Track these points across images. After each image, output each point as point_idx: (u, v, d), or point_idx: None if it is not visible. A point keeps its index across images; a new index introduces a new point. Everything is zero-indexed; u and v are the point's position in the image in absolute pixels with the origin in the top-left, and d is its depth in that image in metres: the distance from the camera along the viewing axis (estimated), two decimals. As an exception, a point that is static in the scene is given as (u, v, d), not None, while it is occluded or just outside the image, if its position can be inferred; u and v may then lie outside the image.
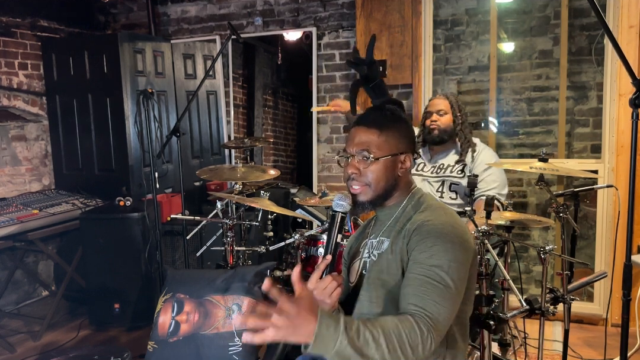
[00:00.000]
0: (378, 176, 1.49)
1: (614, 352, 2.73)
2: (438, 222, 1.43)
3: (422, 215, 1.47)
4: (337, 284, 1.45)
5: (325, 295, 1.44)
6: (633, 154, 1.63)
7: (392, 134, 1.51)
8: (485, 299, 2.00)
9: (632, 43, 3.06)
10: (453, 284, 1.34)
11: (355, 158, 1.50)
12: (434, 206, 1.52)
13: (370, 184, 1.50)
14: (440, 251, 1.36)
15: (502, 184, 2.79)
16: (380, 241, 1.53)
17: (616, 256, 3.14)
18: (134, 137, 3.85)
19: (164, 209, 3.69)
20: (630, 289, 1.68)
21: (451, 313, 1.34)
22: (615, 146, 3.18)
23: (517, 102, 3.70)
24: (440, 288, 1.32)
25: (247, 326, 1.16)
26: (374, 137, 1.49)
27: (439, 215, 1.46)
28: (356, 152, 1.50)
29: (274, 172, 2.96)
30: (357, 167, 1.50)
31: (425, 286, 1.33)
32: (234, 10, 4.24)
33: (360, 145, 1.49)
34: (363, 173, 1.49)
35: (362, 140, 1.50)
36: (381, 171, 1.49)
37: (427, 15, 3.59)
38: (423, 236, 1.40)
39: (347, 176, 1.53)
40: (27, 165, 4.02)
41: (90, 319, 3.56)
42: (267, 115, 5.92)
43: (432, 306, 1.30)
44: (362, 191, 1.51)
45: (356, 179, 1.50)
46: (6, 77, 3.80)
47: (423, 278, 1.34)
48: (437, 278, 1.33)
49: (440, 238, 1.38)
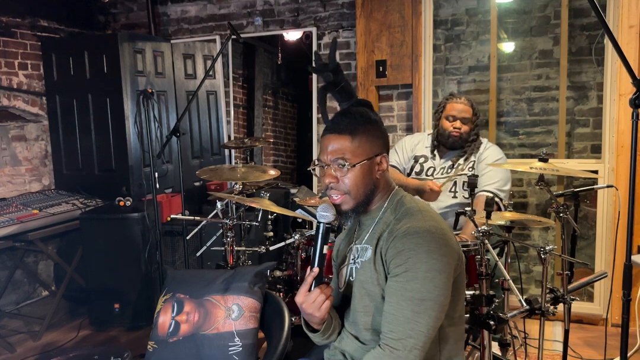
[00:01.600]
0: (356, 183, 1.46)
1: (614, 352, 2.73)
2: (414, 230, 1.40)
3: (400, 223, 1.44)
4: (325, 296, 1.43)
5: (315, 308, 1.43)
6: (633, 154, 1.62)
7: (365, 137, 1.47)
8: (485, 299, 2.00)
9: (632, 43, 3.06)
10: (430, 294, 1.34)
11: (331, 167, 1.47)
12: (412, 210, 1.48)
13: (349, 192, 1.47)
14: (415, 263, 1.35)
15: (504, 180, 2.77)
16: (364, 248, 1.52)
17: (616, 256, 3.14)
18: (134, 137, 3.85)
19: (164, 209, 3.69)
20: (630, 289, 1.68)
21: (431, 325, 1.35)
22: (615, 146, 3.18)
23: (517, 102, 3.70)
24: (415, 302, 1.34)
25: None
26: (347, 143, 1.45)
27: (416, 221, 1.43)
28: (331, 161, 1.46)
29: (274, 172, 2.95)
30: (334, 175, 1.46)
31: (399, 303, 1.35)
32: (234, 10, 4.25)
33: (334, 154, 1.46)
34: (341, 181, 1.46)
35: (336, 147, 1.46)
36: (359, 177, 1.46)
37: (427, 15, 3.59)
38: (398, 248, 1.39)
39: (325, 186, 1.50)
40: (27, 165, 4.02)
41: (90, 319, 3.56)
42: (267, 115, 5.92)
43: (404, 325, 1.34)
44: (343, 200, 1.48)
45: (334, 187, 1.47)
46: (6, 77, 3.80)
47: (398, 294, 1.36)
48: (411, 292, 1.34)
49: (415, 249, 1.37)
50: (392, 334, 1.35)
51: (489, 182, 2.75)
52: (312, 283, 1.44)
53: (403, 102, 3.83)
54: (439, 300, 1.35)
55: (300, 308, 1.47)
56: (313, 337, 1.57)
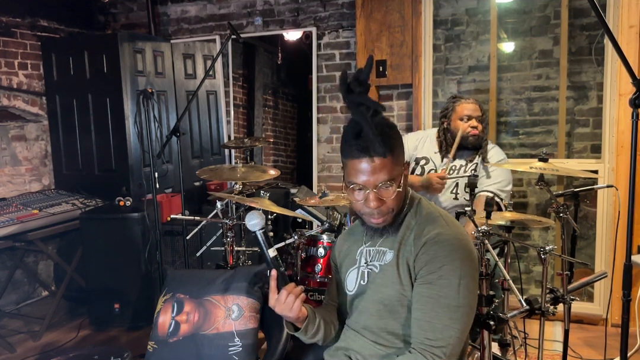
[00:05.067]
0: (399, 198, 1.43)
1: (614, 352, 2.73)
2: (445, 237, 1.39)
3: (426, 229, 1.43)
4: (295, 296, 1.43)
5: (286, 309, 1.43)
6: (633, 154, 1.63)
7: (397, 150, 1.40)
8: (485, 299, 1.99)
9: (632, 43, 3.06)
10: (464, 300, 1.36)
11: (377, 192, 1.38)
12: (434, 215, 1.48)
13: (393, 209, 1.43)
14: (449, 271, 1.36)
15: (506, 181, 2.79)
16: (381, 252, 1.50)
17: (616, 256, 3.14)
18: (134, 137, 3.85)
19: (164, 209, 3.69)
20: (630, 289, 1.68)
21: (464, 331, 1.37)
22: (615, 146, 3.18)
23: (517, 102, 3.69)
24: (452, 309, 1.35)
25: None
26: (388, 164, 1.37)
27: (442, 227, 1.43)
28: (378, 187, 1.38)
29: (274, 172, 2.95)
30: (382, 199, 1.40)
31: (435, 310, 1.35)
32: (234, 10, 4.24)
33: (380, 178, 1.37)
34: (387, 202, 1.40)
35: (380, 171, 1.36)
36: (401, 193, 1.43)
37: (427, 15, 3.59)
38: (431, 255, 1.38)
39: (368, 211, 1.42)
40: (27, 165, 4.02)
41: (90, 319, 3.56)
42: (267, 115, 5.92)
43: (443, 332, 1.34)
44: (385, 220, 1.44)
45: (380, 210, 1.41)
46: (6, 77, 3.80)
47: (433, 301, 1.36)
48: (447, 300, 1.35)
49: (448, 257, 1.37)
50: (431, 341, 1.35)
51: (491, 182, 2.75)
52: (275, 286, 1.44)
53: (403, 102, 3.83)
54: (472, 306, 1.38)
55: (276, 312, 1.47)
56: (298, 336, 1.56)
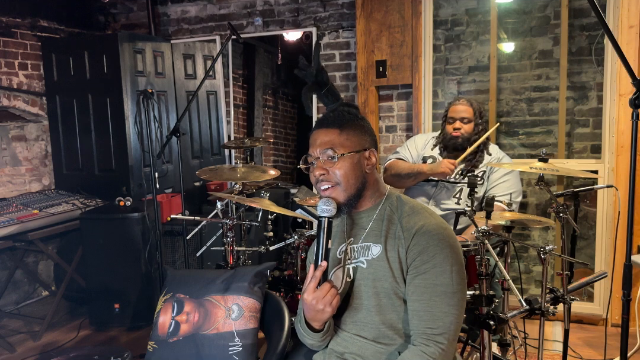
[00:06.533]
0: (346, 173, 1.48)
1: (614, 352, 2.74)
2: (432, 228, 1.45)
3: (412, 220, 1.47)
4: (336, 291, 1.45)
5: (326, 303, 1.43)
6: (633, 154, 1.63)
7: (353, 131, 1.51)
8: (485, 299, 2.00)
9: (632, 43, 3.06)
10: (458, 286, 1.42)
11: (320, 160, 1.50)
12: (417, 207, 1.53)
13: (339, 182, 1.49)
14: (442, 259, 1.41)
15: (518, 192, 2.78)
16: (366, 247, 1.52)
17: (616, 256, 3.14)
18: (134, 137, 3.85)
19: (164, 209, 3.69)
20: (630, 289, 1.68)
21: (461, 316, 1.43)
22: (615, 146, 3.19)
23: (517, 102, 3.70)
24: (448, 295, 1.40)
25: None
26: (335, 136, 1.49)
27: (427, 218, 1.48)
28: (320, 153, 1.49)
29: (274, 172, 2.95)
30: (324, 167, 1.49)
31: (433, 299, 1.40)
32: (234, 10, 4.25)
33: (323, 146, 1.49)
34: (331, 172, 1.48)
35: (325, 140, 1.50)
36: (348, 168, 1.48)
37: (427, 15, 3.59)
38: (422, 245, 1.43)
39: (315, 179, 1.52)
40: (27, 165, 4.02)
41: (90, 319, 3.56)
42: (267, 115, 5.92)
43: (443, 319, 1.39)
44: (333, 191, 1.50)
45: (325, 178, 1.49)
46: (6, 77, 3.80)
47: (430, 290, 1.40)
48: (443, 287, 1.40)
49: (439, 245, 1.42)
50: (432, 329, 1.39)
51: (503, 193, 2.74)
52: (320, 278, 1.45)
53: (403, 102, 3.84)
54: (465, 291, 1.46)
55: (308, 306, 1.46)
56: (312, 338, 1.54)
